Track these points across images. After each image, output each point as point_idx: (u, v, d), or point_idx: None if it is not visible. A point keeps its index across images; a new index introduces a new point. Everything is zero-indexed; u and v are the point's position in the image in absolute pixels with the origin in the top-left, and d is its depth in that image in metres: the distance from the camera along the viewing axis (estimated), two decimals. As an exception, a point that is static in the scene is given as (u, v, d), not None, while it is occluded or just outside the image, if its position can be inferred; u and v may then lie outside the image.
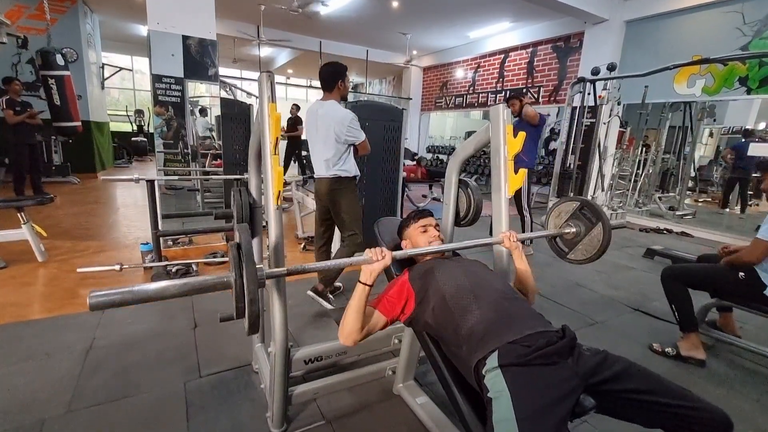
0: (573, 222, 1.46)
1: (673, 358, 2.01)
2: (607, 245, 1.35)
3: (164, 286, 0.87)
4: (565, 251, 1.48)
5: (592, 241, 1.40)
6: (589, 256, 1.40)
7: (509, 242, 1.31)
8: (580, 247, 1.43)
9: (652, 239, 4.67)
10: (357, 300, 1.09)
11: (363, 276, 1.09)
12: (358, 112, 3.11)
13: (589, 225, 1.42)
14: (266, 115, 1.17)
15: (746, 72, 4.61)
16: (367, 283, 1.08)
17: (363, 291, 1.09)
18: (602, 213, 1.41)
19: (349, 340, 1.10)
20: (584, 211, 1.45)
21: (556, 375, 0.90)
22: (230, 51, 9.94)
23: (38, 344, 1.88)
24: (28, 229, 2.84)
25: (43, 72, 5.42)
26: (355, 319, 1.09)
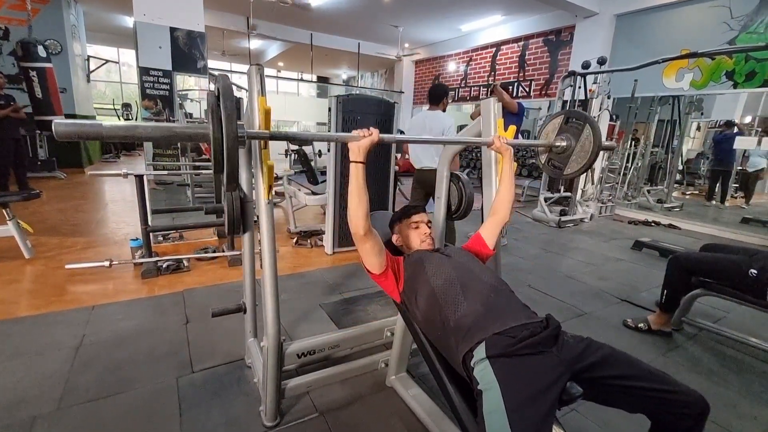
0: (562, 136, 1.48)
1: (644, 332, 2.20)
2: (600, 143, 1.36)
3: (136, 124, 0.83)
4: (561, 167, 1.49)
5: (584, 146, 1.41)
6: (584, 163, 1.41)
7: (499, 142, 1.35)
8: (574, 157, 1.44)
9: (640, 231, 4.75)
10: (355, 179, 1.13)
11: (352, 155, 1.13)
12: (350, 106, 3.11)
13: (577, 132, 1.43)
14: (256, 109, 1.16)
15: (733, 66, 4.67)
16: (358, 160, 1.12)
17: (357, 168, 1.13)
18: (587, 115, 1.43)
19: (358, 227, 1.14)
20: (570, 122, 1.46)
21: (542, 364, 0.92)
22: (219, 43, 9.78)
23: (27, 342, 1.85)
24: (13, 226, 2.79)
25: (24, 64, 5.27)
26: (358, 202, 1.12)
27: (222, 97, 0.82)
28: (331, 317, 2.23)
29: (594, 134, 1.37)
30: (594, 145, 1.37)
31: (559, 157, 1.49)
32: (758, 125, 7.11)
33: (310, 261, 3.14)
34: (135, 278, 2.62)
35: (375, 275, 1.24)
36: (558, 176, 1.52)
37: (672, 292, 2.14)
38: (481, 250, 1.37)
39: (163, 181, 5.30)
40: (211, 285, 2.58)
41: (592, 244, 4.11)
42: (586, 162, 1.40)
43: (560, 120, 1.49)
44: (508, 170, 1.37)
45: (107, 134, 0.81)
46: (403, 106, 10.70)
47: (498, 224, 1.38)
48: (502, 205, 1.37)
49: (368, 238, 1.16)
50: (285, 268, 2.91)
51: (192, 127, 0.85)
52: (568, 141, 1.45)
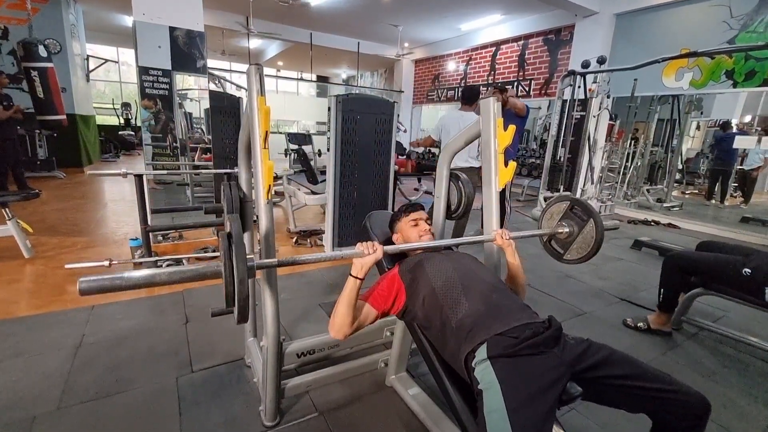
0: (565, 222, 1.48)
1: (644, 331, 2.19)
2: (601, 241, 1.37)
3: (154, 273, 0.86)
4: (561, 252, 1.49)
5: (586, 239, 1.41)
6: (584, 254, 1.41)
7: (501, 240, 1.32)
8: (575, 246, 1.45)
9: (640, 231, 4.75)
10: (348, 293, 1.09)
11: (354, 270, 1.09)
12: (349, 106, 3.11)
13: (581, 223, 1.43)
14: (255, 109, 1.16)
15: (733, 65, 4.67)
16: (358, 276, 1.09)
17: (354, 284, 1.09)
18: (592, 209, 1.43)
19: (339, 334, 1.11)
20: (575, 210, 1.46)
21: (543, 364, 0.92)
22: (219, 43, 9.77)
23: (27, 341, 1.85)
24: (13, 225, 2.79)
25: (26, 64, 5.27)
26: (345, 312, 1.09)
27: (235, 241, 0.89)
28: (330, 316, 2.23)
29: (597, 231, 1.37)
30: (595, 241, 1.38)
31: (560, 241, 1.49)
32: (758, 124, 7.11)
33: (309, 260, 3.14)
34: (135, 278, 2.62)
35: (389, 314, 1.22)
36: (556, 259, 1.52)
37: (669, 292, 2.14)
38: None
39: (163, 181, 5.30)
40: (210, 285, 2.58)
41: (592, 243, 4.11)
42: (587, 254, 1.40)
43: (565, 206, 1.49)
44: (514, 265, 1.34)
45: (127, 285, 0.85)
46: (402, 106, 10.69)
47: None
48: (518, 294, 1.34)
49: (353, 330, 1.13)
50: (284, 268, 2.91)
51: (206, 267, 0.92)
52: (570, 228, 1.45)
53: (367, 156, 3.23)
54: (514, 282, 1.36)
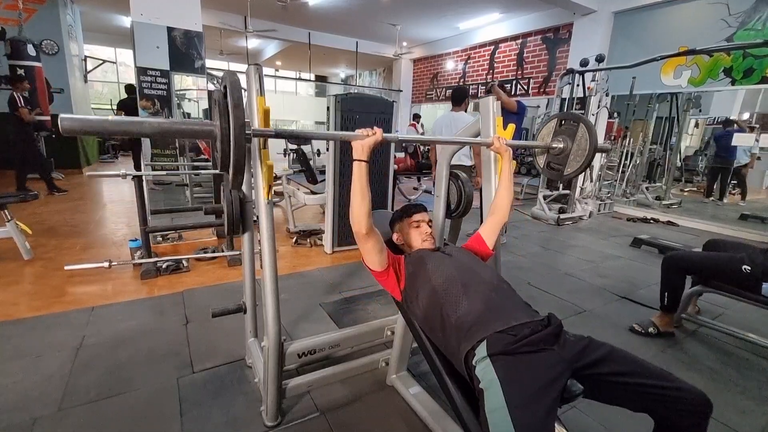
0: (558, 138, 1.50)
1: (654, 336, 2.15)
2: (596, 141, 1.38)
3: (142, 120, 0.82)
4: (561, 168, 1.50)
5: (581, 145, 1.43)
6: (583, 161, 1.42)
7: (498, 143, 1.36)
8: (572, 158, 1.46)
9: (639, 228, 4.76)
10: (358, 178, 1.13)
11: (356, 153, 1.13)
12: (348, 105, 3.11)
13: (572, 132, 1.45)
14: (255, 109, 1.16)
15: (731, 63, 4.68)
16: (362, 158, 1.12)
17: (360, 167, 1.12)
18: (580, 115, 1.45)
19: (360, 225, 1.14)
20: (564, 123, 1.48)
21: (543, 361, 0.92)
22: (217, 43, 9.76)
23: (27, 343, 1.85)
24: (12, 227, 2.79)
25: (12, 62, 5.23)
26: (360, 201, 1.12)
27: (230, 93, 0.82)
28: (332, 316, 2.23)
29: (589, 132, 1.39)
30: (590, 144, 1.39)
31: (557, 158, 1.51)
32: (756, 121, 7.12)
33: (309, 260, 3.14)
34: (134, 279, 2.62)
35: (376, 273, 1.24)
36: (558, 178, 1.53)
37: (672, 293, 2.12)
38: (481, 249, 1.37)
39: (162, 182, 5.28)
40: (210, 285, 2.58)
41: (591, 241, 4.12)
42: (585, 160, 1.41)
43: (554, 123, 1.52)
44: (507, 170, 1.38)
45: (112, 129, 0.81)
46: (401, 105, 10.69)
47: (497, 224, 1.38)
48: (501, 204, 1.38)
49: (370, 236, 1.16)
50: (285, 268, 2.91)
51: (198, 123, 0.85)
52: (564, 142, 1.47)
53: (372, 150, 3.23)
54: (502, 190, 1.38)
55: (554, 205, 5.11)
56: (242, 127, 0.80)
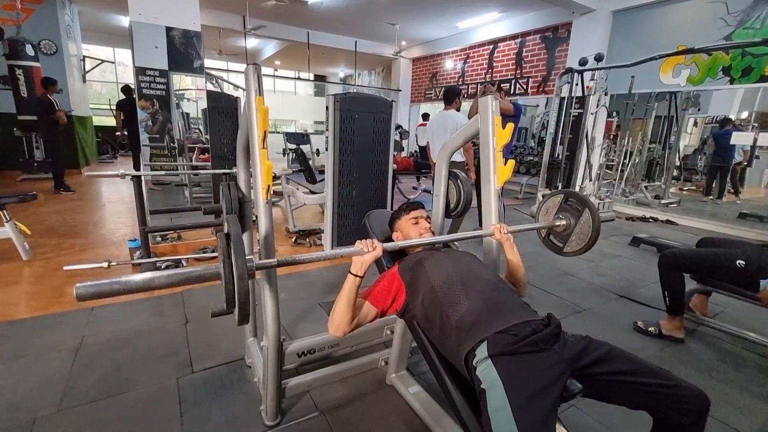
0: (561, 215, 1.49)
1: (655, 336, 2.11)
2: (598, 229, 1.37)
3: (152, 276, 0.85)
4: (561, 246, 1.50)
5: (583, 229, 1.42)
6: (583, 245, 1.42)
7: (500, 234, 1.32)
8: (573, 238, 1.45)
9: (638, 227, 4.77)
10: (347, 291, 1.09)
11: (354, 268, 1.10)
12: (347, 105, 3.10)
13: (576, 214, 1.44)
14: (254, 109, 1.16)
15: (729, 62, 4.68)
16: (357, 274, 1.09)
17: (353, 282, 1.09)
18: (586, 199, 1.44)
19: (338, 331, 1.11)
20: (569, 202, 1.47)
21: (544, 361, 0.92)
22: (215, 42, 9.74)
23: (26, 343, 1.85)
24: (11, 228, 2.78)
25: (10, 62, 5.22)
26: (344, 310, 1.09)
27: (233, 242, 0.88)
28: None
29: (593, 219, 1.38)
30: (593, 230, 1.38)
31: (559, 234, 1.50)
32: (755, 120, 7.13)
33: (309, 260, 3.14)
34: (134, 279, 2.61)
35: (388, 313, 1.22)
36: (557, 253, 1.52)
37: (672, 293, 2.07)
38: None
39: (161, 182, 5.28)
40: (210, 285, 2.58)
41: (591, 240, 4.12)
42: (586, 244, 1.40)
43: (560, 199, 1.50)
44: (514, 260, 1.34)
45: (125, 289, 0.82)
46: (401, 104, 10.69)
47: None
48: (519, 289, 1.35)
49: (353, 327, 1.13)
50: (284, 268, 2.91)
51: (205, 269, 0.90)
52: (567, 220, 1.46)
53: (365, 155, 3.23)
54: (514, 277, 1.36)
55: (553, 204, 5.10)
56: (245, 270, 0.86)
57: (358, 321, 1.14)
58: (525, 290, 1.37)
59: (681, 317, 2.09)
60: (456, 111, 3.53)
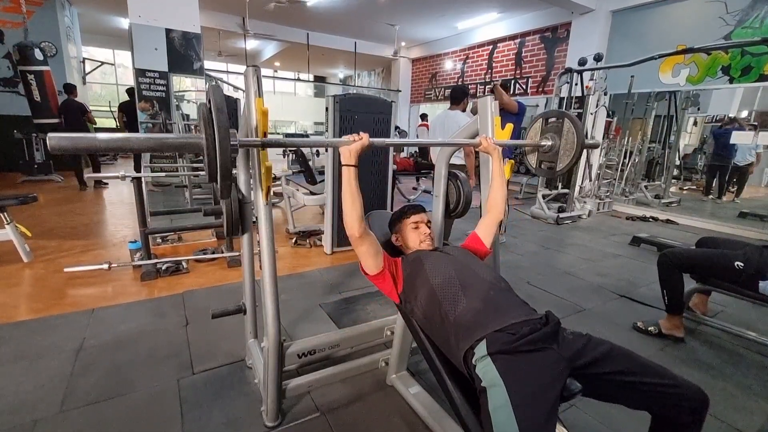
0: (546, 136, 1.52)
1: (655, 336, 2.11)
2: (582, 132, 1.41)
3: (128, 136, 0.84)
4: (553, 165, 1.52)
5: (569, 139, 1.45)
6: (574, 153, 1.44)
7: (487, 143, 1.37)
8: (563, 152, 1.48)
9: (638, 227, 4.76)
10: (347, 183, 1.14)
11: (344, 159, 1.14)
12: (347, 105, 3.11)
13: (558, 129, 1.47)
14: (253, 110, 1.16)
15: (729, 61, 4.68)
16: (349, 163, 1.13)
17: (349, 171, 1.14)
18: (562, 111, 1.48)
19: (353, 230, 1.15)
20: (549, 122, 1.51)
21: (544, 360, 0.92)
22: (215, 44, 9.75)
23: (27, 345, 1.85)
24: (11, 230, 2.79)
25: (22, 68, 5.26)
26: (351, 204, 1.13)
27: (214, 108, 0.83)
28: (331, 317, 2.24)
29: (574, 126, 1.41)
30: (577, 137, 1.41)
31: (548, 155, 1.53)
32: (755, 119, 7.13)
33: (309, 261, 3.15)
34: (134, 281, 2.62)
35: (372, 276, 1.24)
36: (552, 174, 1.55)
37: (671, 292, 2.07)
38: (478, 247, 1.37)
39: (161, 183, 5.28)
40: (210, 286, 2.58)
41: (590, 240, 4.13)
42: (575, 152, 1.43)
43: (539, 123, 1.54)
44: (498, 169, 1.40)
45: (102, 146, 0.82)
46: (400, 105, 10.69)
47: (493, 222, 1.39)
48: (495, 204, 1.40)
49: (364, 239, 1.17)
50: (284, 269, 2.91)
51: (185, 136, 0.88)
52: (553, 140, 1.49)
53: (365, 156, 3.23)
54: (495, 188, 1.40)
55: (553, 204, 5.12)
56: (227, 140, 0.82)
57: (370, 243, 1.18)
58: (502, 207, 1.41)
59: (680, 316, 2.09)
60: (461, 111, 3.43)
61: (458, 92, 3.44)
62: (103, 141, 0.82)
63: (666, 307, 2.10)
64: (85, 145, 0.80)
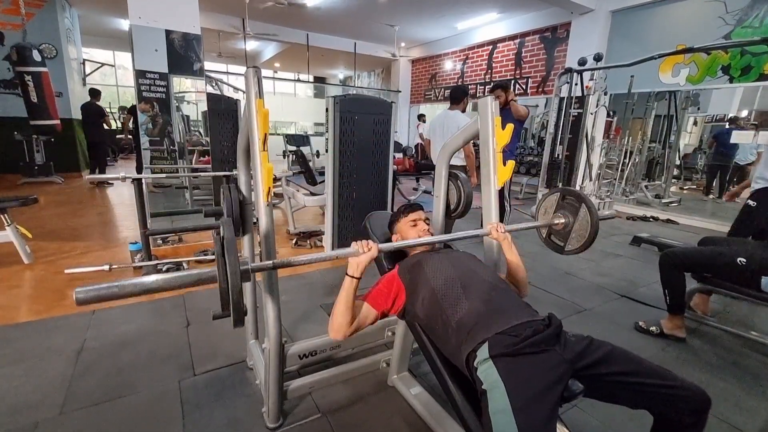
0: (560, 212, 1.49)
1: (656, 336, 2.11)
2: (597, 224, 1.37)
3: (151, 280, 0.86)
4: (562, 244, 1.50)
5: (582, 224, 1.41)
6: (584, 241, 1.41)
7: (497, 233, 1.33)
8: (573, 235, 1.45)
9: (638, 227, 4.76)
10: (345, 293, 1.09)
11: (350, 269, 1.10)
12: (347, 106, 3.10)
13: (574, 210, 1.44)
14: (254, 111, 1.16)
15: (728, 61, 4.68)
16: (354, 275, 1.09)
17: (351, 284, 1.09)
18: (582, 194, 1.44)
19: (338, 335, 1.11)
20: (567, 200, 1.48)
21: (545, 362, 0.92)
22: (215, 45, 9.76)
23: (28, 347, 1.85)
24: (12, 231, 2.79)
25: (20, 69, 5.25)
26: (343, 312, 1.10)
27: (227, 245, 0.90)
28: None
29: (590, 213, 1.37)
30: (591, 226, 1.37)
31: (559, 233, 1.49)
32: (755, 119, 7.13)
33: (309, 262, 3.14)
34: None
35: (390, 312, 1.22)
36: (558, 252, 1.51)
37: (673, 292, 2.06)
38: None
39: (162, 184, 5.28)
40: (211, 288, 2.58)
41: (591, 240, 4.12)
42: (587, 240, 1.39)
43: (557, 197, 1.50)
44: (513, 260, 1.34)
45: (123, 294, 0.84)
46: (400, 105, 10.70)
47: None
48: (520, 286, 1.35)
49: (352, 329, 1.13)
50: (285, 270, 2.91)
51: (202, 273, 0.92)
52: (566, 218, 1.45)
53: (365, 156, 3.23)
54: (514, 278, 1.35)
55: (554, 204, 5.10)
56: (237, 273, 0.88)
57: (358, 323, 1.14)
58: (526, 290, 1.37)
59: (682, 316, 2.09)
60: (461, 111, 3.45)
61: (458, 92, 3.45)
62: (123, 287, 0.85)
63: (667, 307, 2.10)
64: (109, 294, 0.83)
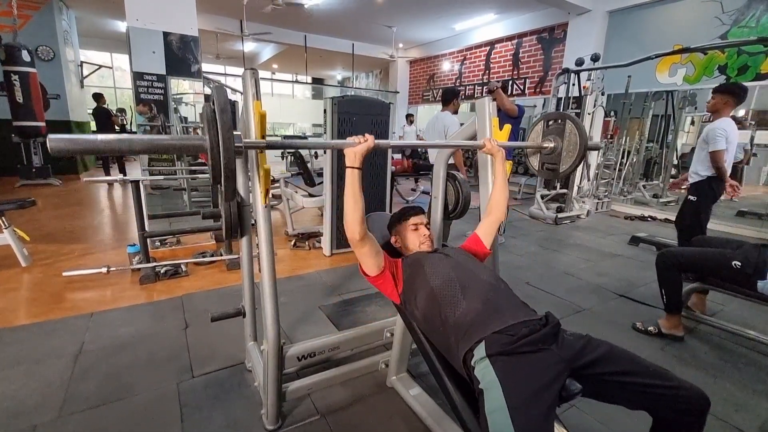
0: (549, 138, 1.52)
1: (654, 336, 2.12)
2: (584, 133, 1.40)
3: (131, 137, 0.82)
4: (555, 167, 1.51)
5: (571, 141, 1.44)
6: (577, 154, 1.43)
7: (490, 145, 1.37)
8: (565, 154, 1.47)
9: (636, 226, 4.78)
10: (350, 185, 1.13)
11: (348, 160, 1.13)
12: (345, 107, 3.11)
13: (560, 131, 1.46)
14: (251, 113, 1.16)
15: (725, 60, 4.71)
16: (354, 165, 1.13)
17: (353, 174, 1.13)
18: (564, 113, 1.47)
19: (352, 232, 1.14)
20: (550, 123, 1.50)
21: (542, 361, 0.92)
22: (213, 47, 9.76)
23: (26, 350, 1.85)
24: (9, 234, 2.78)
25: (7, 67, 5.22)
26: (352, 206, 1.13)
27: (218, 110, 0.83)
28: (331, 319, 2.23)
29: (577, 127, 1.40)
30: (580, 138, 1.40)
31: (550, 157, 1.52)
32: (752, 118, 7.15)
33: (308, 263, 3.14)
34: (133, 284, 2.61)
35: (372, 278, 1.24)
36: (555, 176, 1.54)
37: (670, 291, 2.08)
38: (479, 249, 1.37)
39: (159, 186, 5.28)
40: (209, 289, 2.58)
41: (589, 240, 4.13)
42: (578, 154, 1.42)
43: (541, 125, 1.53)
44: (500, 171, 1.40)
45: (103, 148, 0.81)
46: (398, 106, 10.70)
47: (494, 224, 1.39)
48: (496, 205, 1.40)
49: (365, 241, 1.17)
50: (283, 271, 2.91)
51: (188, 138, 0.87)
52: (555, 141, 1.48)
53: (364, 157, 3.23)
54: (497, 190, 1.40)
55: (552, 205, 5.12)
56: (231, 141, 0.81)
57: (370, 244, 1.18)
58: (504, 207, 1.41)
59: (679, 316, 2.10)
60: (452, 113, 3.52)
61: (448, 94, 3.55)
62: (102, 142, 0.82)
63: (665, 306, 2.11)
64: (84, 146, 0.79)
